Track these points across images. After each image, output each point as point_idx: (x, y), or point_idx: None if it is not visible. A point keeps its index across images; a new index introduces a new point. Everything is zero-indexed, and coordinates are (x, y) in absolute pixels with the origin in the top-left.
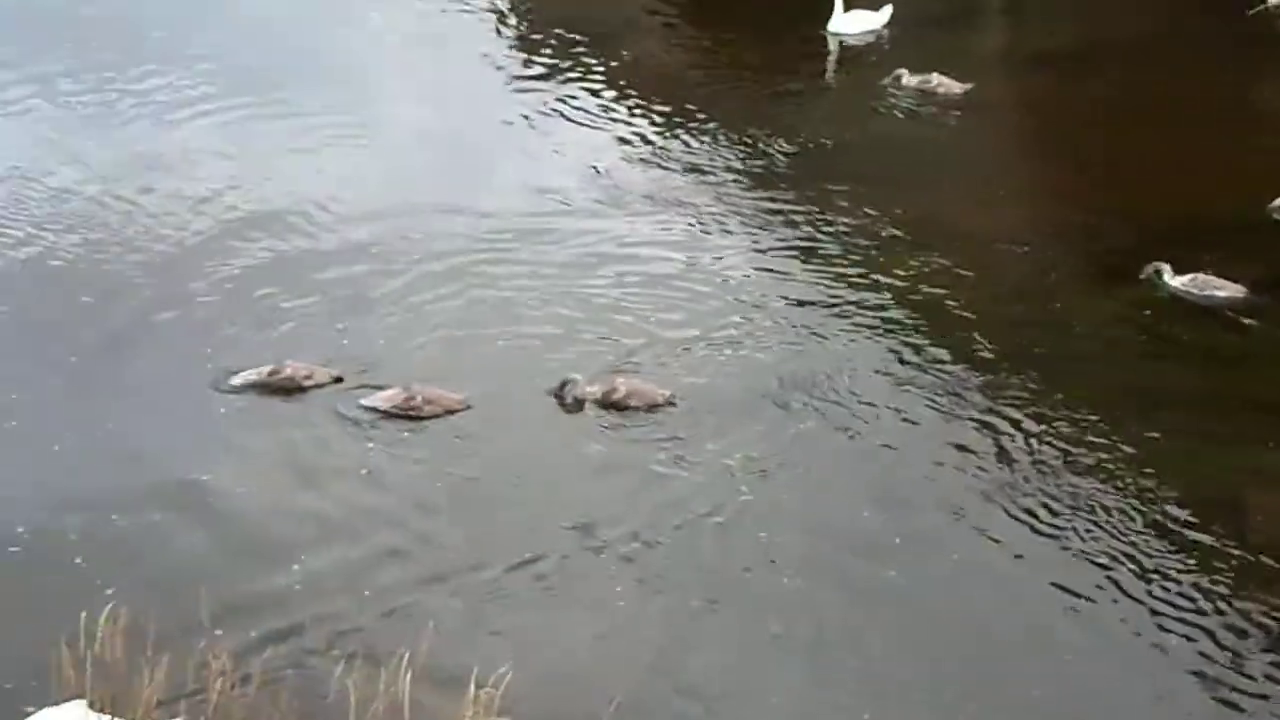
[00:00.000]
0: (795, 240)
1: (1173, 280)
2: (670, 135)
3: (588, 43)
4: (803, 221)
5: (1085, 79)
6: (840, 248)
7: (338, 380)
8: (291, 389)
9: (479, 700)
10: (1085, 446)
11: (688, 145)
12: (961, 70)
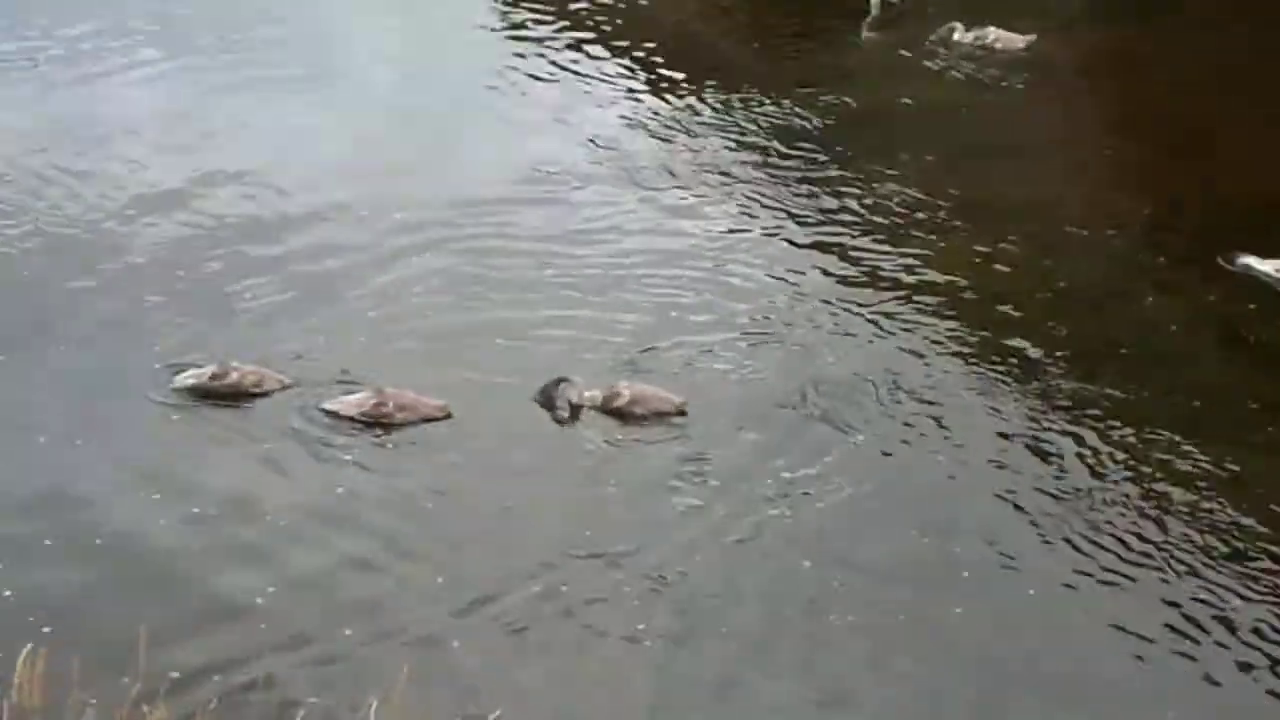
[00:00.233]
0: (832, 223)
1: (1263, 266)
2: (685, 101)
3: None
4: (841, 201)
5: (1170, 34)
6: (885, 233)
7: (288, 387)
8: (238, 395)
9: None
10: (1166, 464)
11: (705, 113)
12: (1023, 23)
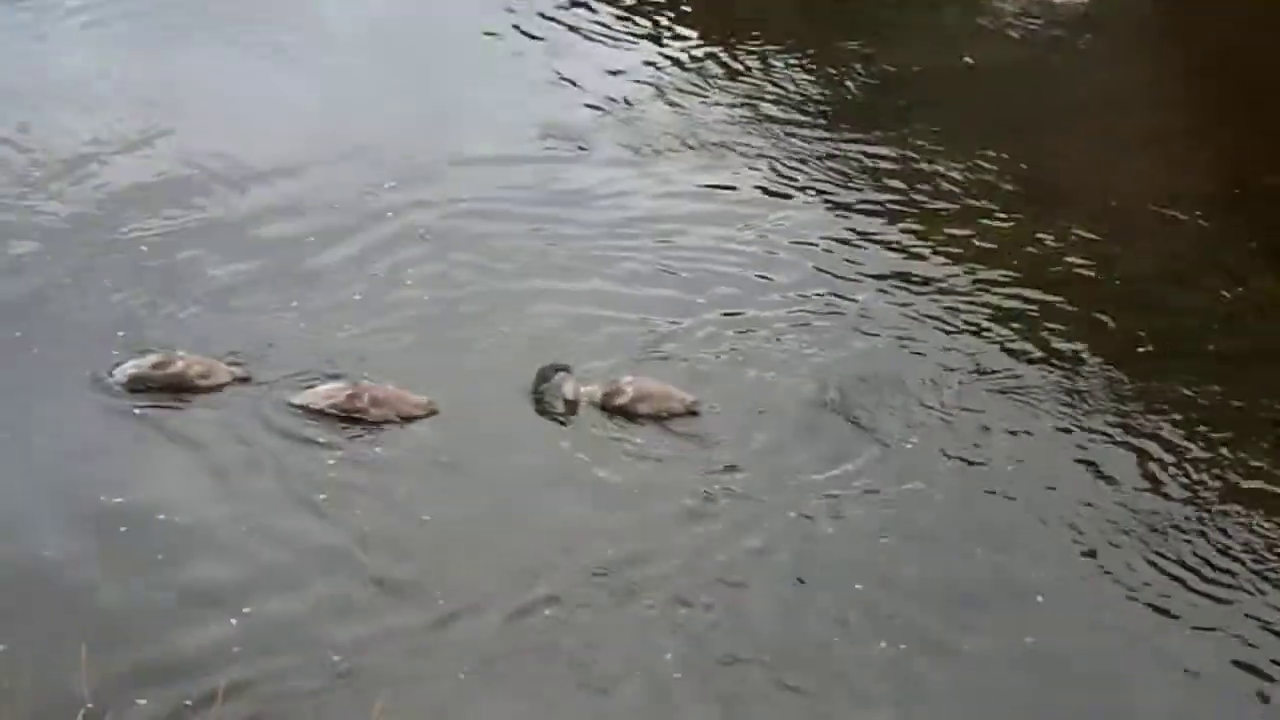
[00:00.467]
0: (877, 199)
1: None
2: (712, 61)
3: None
4: (886, 175)
5: None
6: (935, 210)
7: (243, 380)
8: (182, 388)
9: None
10: (1259, 479)
11: (735, 74)
12: None
